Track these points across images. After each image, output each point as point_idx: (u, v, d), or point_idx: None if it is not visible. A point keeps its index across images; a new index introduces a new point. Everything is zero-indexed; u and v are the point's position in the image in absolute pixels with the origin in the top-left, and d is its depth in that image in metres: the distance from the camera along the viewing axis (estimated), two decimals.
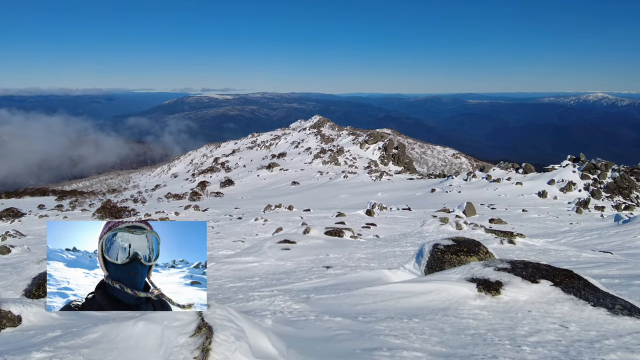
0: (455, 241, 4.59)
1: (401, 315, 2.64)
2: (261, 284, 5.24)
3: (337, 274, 5.64)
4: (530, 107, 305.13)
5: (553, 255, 7.53)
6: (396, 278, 4.35)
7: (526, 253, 7.52)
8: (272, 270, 6.30)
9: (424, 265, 4.28)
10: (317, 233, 8.53)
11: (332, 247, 7.60)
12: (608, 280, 4.41)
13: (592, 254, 7.90)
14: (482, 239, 8.93)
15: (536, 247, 8.80)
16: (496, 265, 3.21)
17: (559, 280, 3.02)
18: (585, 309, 2.72)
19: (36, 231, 19.92)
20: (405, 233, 10.78)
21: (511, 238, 9.03)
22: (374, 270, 4.72)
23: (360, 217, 17.72)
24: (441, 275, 3.25)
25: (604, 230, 13.97)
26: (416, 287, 3.04)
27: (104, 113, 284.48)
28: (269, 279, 5.57)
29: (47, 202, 42.20)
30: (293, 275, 5.67)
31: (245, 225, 18.47)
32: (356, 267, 5.74)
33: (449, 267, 4.17)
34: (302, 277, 5.51)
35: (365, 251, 7.09)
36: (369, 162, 57.70)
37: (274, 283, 5.23)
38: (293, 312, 2.65)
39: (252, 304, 2.95)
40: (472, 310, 2.70)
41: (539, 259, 7.24)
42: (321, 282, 4.53)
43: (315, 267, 6.13)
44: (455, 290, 2.91)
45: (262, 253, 7.26)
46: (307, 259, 6.79)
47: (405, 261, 5.51)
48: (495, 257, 4.57)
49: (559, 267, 3.23)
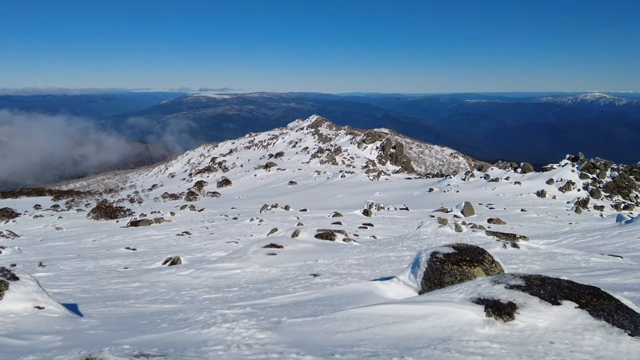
0: (455, 248, 4.02)
1: (390, 350, 2.08)
2: (238, 295, 4.68)
3: (324, 283, 5.08)
4: (528, 107, 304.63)
5: (560, 260, 6.97)
6: (389, 292, 3.79)
7: (532, 258, 6.95)
8: (254, 279, 5.74)
9: (420, 277, 3.71)
10: (307, 236, 7.95)
11: (322, 251, 7.03)
12: (631, 294, 3.85)
13: (602, 258, 7.34)
14: (483, 242, 8.36)
15: (541, 250, 8.25)
16: (507, 282, 2.64)
17: (586, 301, 2.47)
18: (622, 339, 2.17)
19: (30, 232, 19.39)
20: (402, 235, 10.21)
21: (514, 241, 8.47)
22: (363, 282, 4.15)
23: (357, 217, 17.17)
24: (441, 295, 2.68)
25: (607, 231, 13.42)
26: (411, 309, 2.48)
27: (103, 113, 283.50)
28: (248, 290, 5.01)
29: (44, 202, 41.59)
30: (276, 285, 5.11)
31: (240, 225, 17.90)
32: (346, 275, 5.18)
33: (449, 280, 3.60)
34: (286, 287, 4.95)
35: (357, 256, 6.52)
36: (367, 162, 57.07)
37: (253, 295, 4.67)
38: (252, 347, 2.08)
39: (207, 332, 2.38)
40: (480, 342, 2.14)
41: (546, 264, 6.68)
42: (304, 296, 3.96)
43: (301, 274, 5.57)
44: (459, 315, 2.35)
45: (246, 259, 6.69)
46: (293, 266, 6.23)
47: (399, 270, 4.94)
48: (501, 265, 4.00)
49: (583, 284, 2.66)
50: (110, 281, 6.53)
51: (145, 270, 7.72)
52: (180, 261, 9.08)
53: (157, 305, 4.31)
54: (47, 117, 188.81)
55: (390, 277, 4.38)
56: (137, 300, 4.94)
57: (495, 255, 4.23)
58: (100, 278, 6.98)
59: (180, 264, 8.64)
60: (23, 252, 12.83)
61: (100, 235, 16.73)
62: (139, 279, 6.51)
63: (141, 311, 3.91)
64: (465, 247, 4.13)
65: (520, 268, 6.03)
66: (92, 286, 6.34)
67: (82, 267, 8.74)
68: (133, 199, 44.38)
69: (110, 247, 12.90)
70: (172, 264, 8.83)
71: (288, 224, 15.92)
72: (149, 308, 4.08)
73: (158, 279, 6.26)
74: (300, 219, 17.49)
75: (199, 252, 11.06)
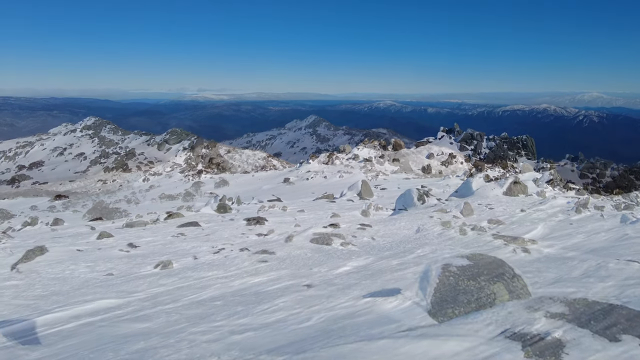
0: (470, 260, 3.46)
1: None
2: (221, 312, 4.11)
3: (319, 296, 4.52)
4: (329, 114, 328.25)
5: (577, 267, 6.43)
6: (394, 311, 3.22)
7: (546, 265, 6.41)
8: (242, 290, 5.17)
9: (430, 295, 3.16)
10: (302, 241, 7.39)
11: (317, 258, 6.47)
12: None
13: (621, 264, 6.81)
14: (492, 247, 7.83)
15: (552, 255, 7.69)
16: (546, 308, 2.10)
17: None
18: None
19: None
20: (403, 238, 9.62)
21: (524, 245, 7.91)
22: (365, 300, 3.59)
23: (355, 218, 16.58)
24: (464, 325, 2.13)
25: (612, 233, 12.86)
26: (429, 346, 1.92)
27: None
28: (234, 304, 4.45)
29: (40, 203, 40.95)
30: (265, 299, 4.55)
31: (236, 226, 17.29)
32: (343, 288, 4.62)
33: (465, 299, 3.04)
34: (275, 299, 4.38)
35: (356, 263, 5.96)
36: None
37: (238, 312, 4.10)
38: None
39: None
40: None
41: (562, 272, 6.13)
42: (294, 317, 3.41)
43: (293, 285, 5.01)
44: (491, 356, 1.79)
45: (235, 265, 6.13)
46: (286, 274, 5.67)
47: (403, 280, 4.38)
48: (524, 280, 3.45)
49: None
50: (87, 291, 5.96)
51: (133, 276, 7.15)
52: (172, 265, 8.56)
53: (125, 324, 3.74)
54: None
55: (394, 290, 3.83)
56: (107, 313, 4.37)
57: (513, 266, 3.68)
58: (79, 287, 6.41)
59: (171, 268, 8.12)
60: (15, 254, 12.25)
61: (92, 237, 16.12)
62: (119, 289, 5.94)
63: (102, 333, 3.35)
64: (480, 257, 3.57)
65: (536, 277, 5.50)
66: (66, 297, 5.77)
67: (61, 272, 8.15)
68: (130, 199, 43.76)
69: (103, 247, 12.32)
70: (163, 268, 8.31)
71: (285, 225, 15.24)
72: (114, 329, 3.51)
73: (137, 289, 5.70)
74: (297, 220, 16.88)
75: (191, 255, 10.49)
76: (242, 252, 9.45)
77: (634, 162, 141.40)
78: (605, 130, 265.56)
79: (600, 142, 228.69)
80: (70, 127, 67.02)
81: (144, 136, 62.01)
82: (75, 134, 63.73)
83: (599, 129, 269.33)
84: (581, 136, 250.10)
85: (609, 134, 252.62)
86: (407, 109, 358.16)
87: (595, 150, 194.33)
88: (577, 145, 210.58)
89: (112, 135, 64.08)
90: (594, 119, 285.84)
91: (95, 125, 65.66)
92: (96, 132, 64.33)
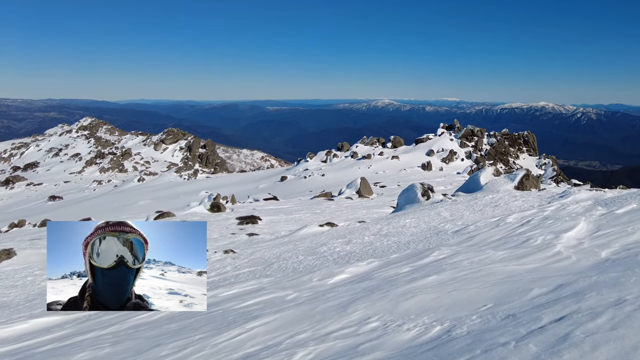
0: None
1: None
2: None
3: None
4: (327, 113, 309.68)
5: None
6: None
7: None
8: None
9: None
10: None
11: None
12: None
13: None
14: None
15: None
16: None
17: None
18: None
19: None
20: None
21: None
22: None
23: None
24: None
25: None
26: None
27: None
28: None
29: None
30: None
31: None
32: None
33: None
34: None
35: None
36: (169, 166, 48.12)
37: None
38: None
39: None
40: None
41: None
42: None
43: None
44: None
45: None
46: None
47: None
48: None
49: None
50: None
51: None
52: None
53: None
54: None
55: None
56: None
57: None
58: None
59: None
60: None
61: None
62: None
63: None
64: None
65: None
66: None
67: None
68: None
69: None
70: None
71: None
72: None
73: None
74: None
75: None
76: (226, 254, 8.31)
77: (633, 160, 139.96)
78: (603, 127, 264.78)
79: (598, 139, 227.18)
80: (66, 127, 65.00)
81: (140, 136, 59.52)
82: (71, 135, 60.56)
83: (597, 126, 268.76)
84: (580, 134, 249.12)
85: (607, 131, 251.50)
86: (405, 108, 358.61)
87: (594, 147, 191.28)
88: (575, 143, 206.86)
89: (108, 136, 61.25)
90: (592, 116, 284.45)
91: (92, 126, 63.40)
92: (92, 132, 61.37)
